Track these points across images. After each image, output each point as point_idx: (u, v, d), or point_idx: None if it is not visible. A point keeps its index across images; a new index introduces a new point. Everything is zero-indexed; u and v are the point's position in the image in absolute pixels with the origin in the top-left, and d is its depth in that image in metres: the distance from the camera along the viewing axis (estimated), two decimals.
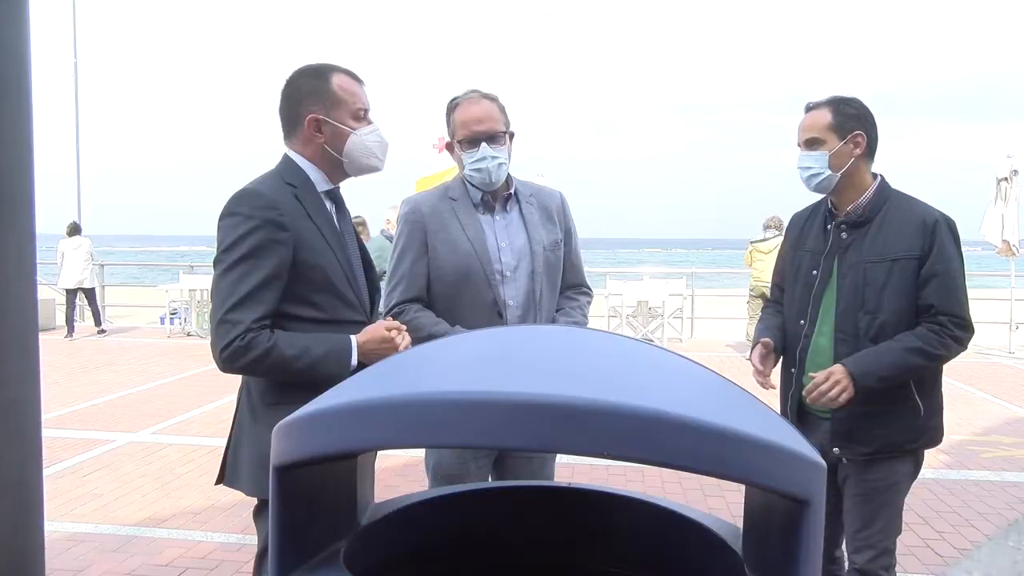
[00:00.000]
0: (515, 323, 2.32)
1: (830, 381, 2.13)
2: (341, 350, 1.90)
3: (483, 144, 2.29)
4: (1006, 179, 9.72)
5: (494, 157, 2.30)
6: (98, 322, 11.84)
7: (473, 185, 2.39)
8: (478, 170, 2.31)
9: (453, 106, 2.36)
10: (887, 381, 2.15)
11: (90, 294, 11.71)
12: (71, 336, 11.27)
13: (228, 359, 1.81)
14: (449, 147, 2.45)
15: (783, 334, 2.40)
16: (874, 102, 2.29)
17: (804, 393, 2.23)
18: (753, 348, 2.41)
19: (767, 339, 2.37)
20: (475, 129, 2.30)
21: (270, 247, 1.85)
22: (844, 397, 2.12)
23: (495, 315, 2.33)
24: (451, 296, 2.35)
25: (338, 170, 2.05)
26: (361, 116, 2.02)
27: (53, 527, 3.99)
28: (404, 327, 2.03)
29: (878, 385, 2.14)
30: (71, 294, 11.41)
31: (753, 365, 2.37)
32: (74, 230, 11.64)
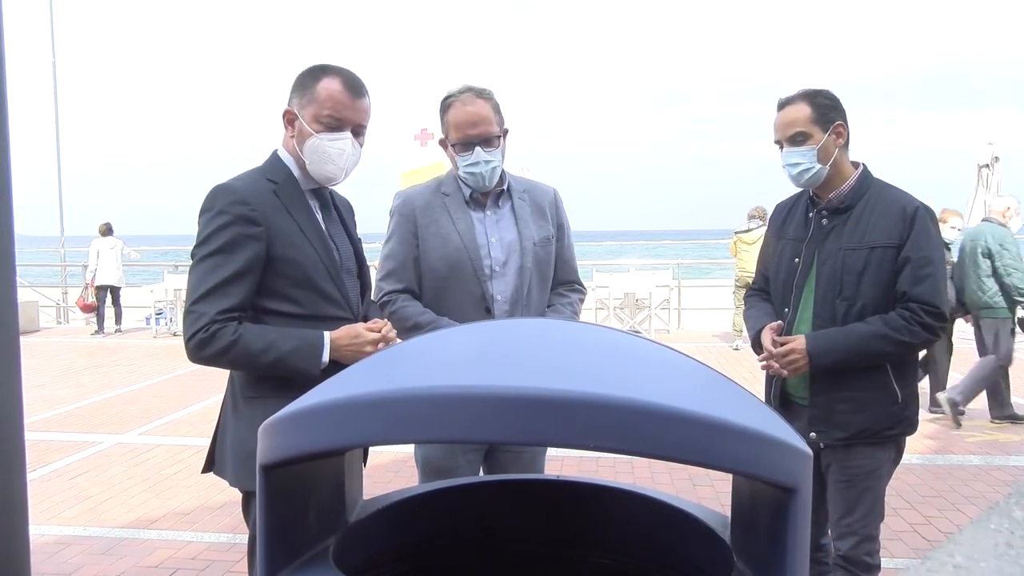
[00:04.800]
0: (502, 318, 2.32)
1: (788, 359, 2.23)
2: (311, 346, 1.90)
3: (477, 148, 2.28)
4: (987, 166, 9.80)
5: (487, 161, 2.29)
6: (119, 320, 12.16)
7: (467, 184, 2.39)
8: (472, 174, 2.31)
9: (447, 105, 2.33)
10: (844, 364, 2.19)
11: (116, 293, 11.99)
12: (101, 332, 11.74)
13: (193, 349, 1.86)
14: (442, 144, 2.43)
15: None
16: (851, 89, 2.30)
17: (759, 358, 2.33)
18: (757, 335, 2.36)
19: (779, 323, 2.33)
20: (469, 133, 2.28)
21: (241, 242, 1.87)
22: (795, 375, 2.26)
23: (483, 310, 2.33)
24: (440, 289, 2.36)
25: (306, 170, 2.02)
26: (332, 124, 1.96)
27: (41, 531, 3.96)
28: (387, 323, 2.02)
29: (833, 366, 2.19)
30: (102, 291, 11.77)
31: (768, 350, 2.29)
32: (107, 230, 11.96)
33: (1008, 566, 0.55)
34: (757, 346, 2.38)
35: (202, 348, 1.84)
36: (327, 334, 1.93)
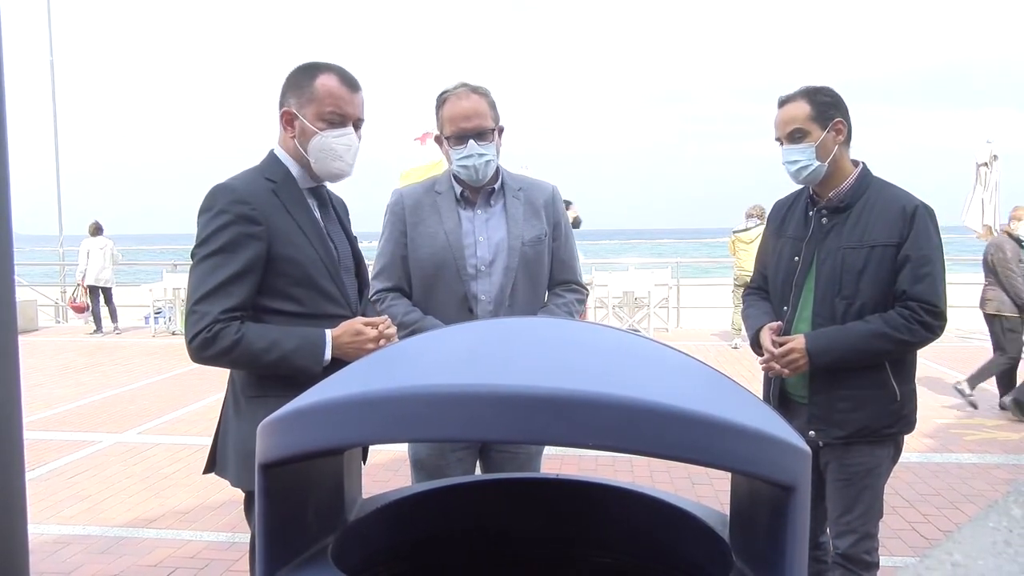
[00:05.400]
0: (486, 318, 2.31)
1: (788, 358, 2.22)
2: (313, 344, 1.91)
3: (471, 141, 2.29)
4: (986, 164, 9.79)
5: (481, 155, 2.29)
6: (114, 319, 12.17)
7: (459, 181, 2.39)
8: (465, 167, 2.32)
9: (442, 100, 2.35)
10: (843, 362, 2.19)
11: (108, 293, 12.01)
12: (100, 331, 11.76)
13: (196, 349, 1.86)
14: (438, 140, 2.44)
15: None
16: (851, 89, 2.31)
17: (760, 361, 2.32)
18: (756, 334, 2.37)
19: (779, 323, 2.33)
20: (463, 126, 2.29)
21: (242, 241, 1.87)
22: (795, 374, 2.26)
23: (465, 310, 2.34)
24: (427, 288, 2.38)
25: (309, 168, 2.03)
26: (335, 120, 1.97)
27: (40, 530, 3.96)
28: (386, 320, 2.03)
29: (833, 365, 2.20)
30: (94, 291, 11.82)
31: (768, 351, 2.29)
32: (97, 230, 12.02)
33: (1006, 563, 0.55)
34: (756, 346, 2.38)
35: (205, 348, 1.84)
36: (328, 332, 1.93)
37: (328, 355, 1.91)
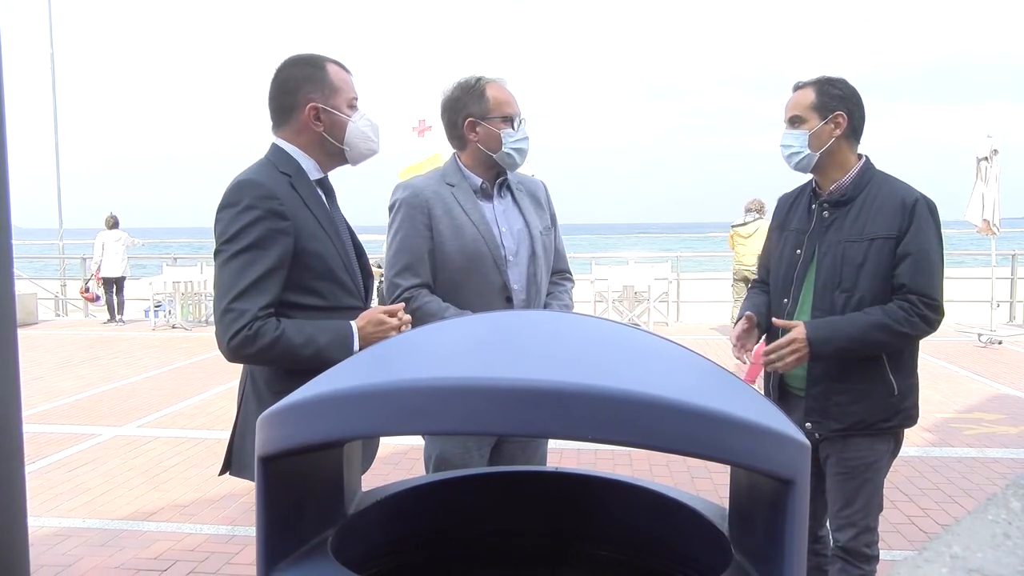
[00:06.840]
0: (520, 307, 2.35)
1: (789, 348, 2.21)
2: (344, 336, 1.92)
3: (523, 124, 2.38)
4: (986, 159, 9.78)
5: (528, 139, 2.39)
6: (121, 311, 12.47)
7: (477, 172, 2.40)
8: (518, 149, 2.37)
9: (483, 85, 2.36)
10: (844, 353, 2.20)
11: (120, 284, 12.33)
12: (114, 320, 12.19)
13: (236, 348, 1.81)
14: (471, 124, 2.36)
15: (768, 312, 2.43)
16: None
17: (763, 354, 2.32)
18: (736, 323, 2.44)
19: (750, 313, 2.40)
20: (517, 109, 2.38)
21: (272, 237, 1.85)
22: (797, 365, 2.23)
23: (504, 299, 2.34)
24: (458, 282, 2.33)
25: (335, 158, 2.06)
26: (355, 105, 2.05)
27: (40, 523, 3.97)
28: (401, 308, 2.05)
29: (834, 355, 2.20)
30: (109, 283, 12.23)
31: (731, 339, 2.41)
32: (114, 224, 12.38)
33: (1005, 556, 0.55)
34: None
35: (246, 346, 1.80)
36: (353, 324, 1.94)
37: (356, 347, 1.91)
